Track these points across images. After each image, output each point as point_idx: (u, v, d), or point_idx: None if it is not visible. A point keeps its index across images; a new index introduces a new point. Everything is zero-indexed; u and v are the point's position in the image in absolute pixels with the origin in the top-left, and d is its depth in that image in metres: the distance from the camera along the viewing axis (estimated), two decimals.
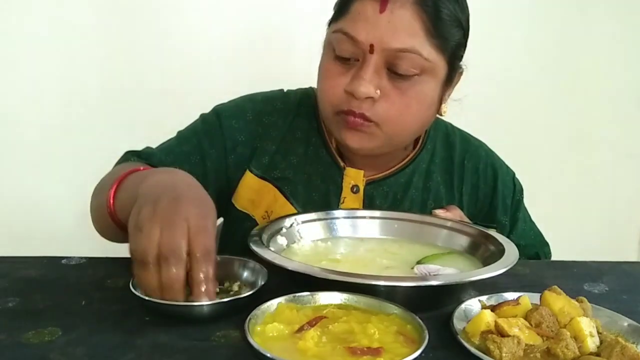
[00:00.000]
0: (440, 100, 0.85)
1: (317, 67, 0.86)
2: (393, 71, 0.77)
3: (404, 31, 0.75)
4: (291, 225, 0.80)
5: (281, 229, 0.78)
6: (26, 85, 1.59)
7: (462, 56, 0.84)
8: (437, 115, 0.88)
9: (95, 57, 1.61)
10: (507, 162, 1.02)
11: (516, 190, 0.99)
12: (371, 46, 0.76)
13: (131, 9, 1.61)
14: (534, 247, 0.99)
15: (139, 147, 0.92)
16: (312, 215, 0.83)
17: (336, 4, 0.83)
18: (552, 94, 1.93)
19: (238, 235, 0.90)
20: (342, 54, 0.79)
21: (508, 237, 0.93)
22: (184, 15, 1.65)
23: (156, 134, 0.94)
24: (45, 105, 1.61)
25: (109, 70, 1.62)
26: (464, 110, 0.89)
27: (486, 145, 1.01)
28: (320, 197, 0.90)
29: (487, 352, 0.50)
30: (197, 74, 1.66)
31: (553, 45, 1.89)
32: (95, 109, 1.63)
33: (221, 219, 0.98)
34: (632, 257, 2.08)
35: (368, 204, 0.90)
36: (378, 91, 0.77)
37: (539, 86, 1.91)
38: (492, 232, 0.77)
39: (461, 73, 0.86)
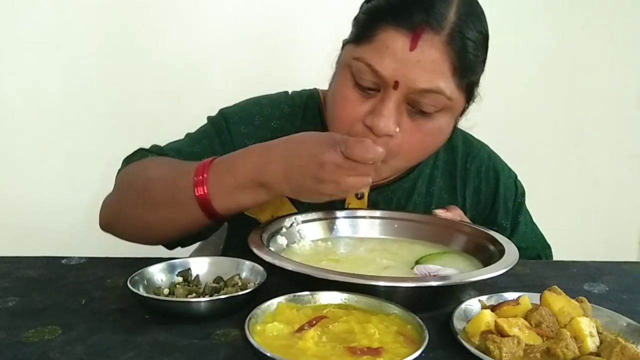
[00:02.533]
0: (453, 129, 0.84)
1: (327, 77, 0.83)
2: (413, 107, 0.75)
3: (432, 72, 0.72)
4: (291, 225, 0.80)
5: (281, 228, 0.78)
6: (26, 85, 1.59)
7: (478, 85, 0.81)
8: None
9: (95, 57, 1.61)
10: (506, 163, 1.01)
11: (518, 193, 0.98)
12: (396, 83, 0.72)
13: (131, 9, 1.61)
14: (535, 249, 0.98)
15: (138, 147, 0.91)
16: (312, 215, 0.83)
17: (356, 25, 0.79)
18: (552, 94, 1.93)
19: (243, 238, 0.89)
20: (362, 83, 0.75)
21: (509, 239, 0.93)
22: (184, 16, 1.65)
23: (156, 134, 0.93)
24: (45, 106, 1.61)
25: (109, 70, 1.62)
26: None
27: (488, 147, 1.01)
28: (324, 203, 0.88)
29: (487, 352, 0.50)
30: (197, 74, 1.66)
31: (553, 45, 1.89)
32: (96, 109, 1.64)
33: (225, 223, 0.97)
34: (632, 257, 2.08)
35: (373, 210, 0.88)
36: (397, 129, 0.75)
37: (539, 86, 1.91)
38: (492, 232, 0.77)
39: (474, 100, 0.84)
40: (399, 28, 0.72)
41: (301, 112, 0.93)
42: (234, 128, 0.89)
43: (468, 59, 0.74)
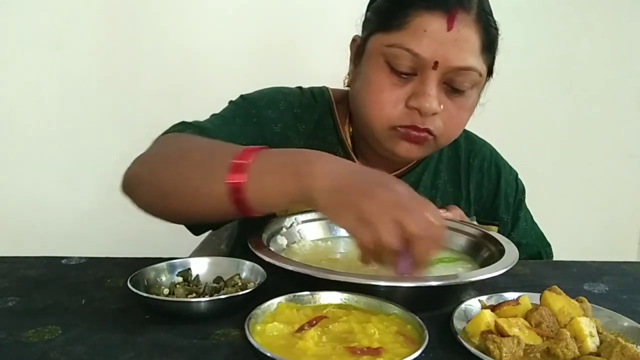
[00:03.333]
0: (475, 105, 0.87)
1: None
2: (449, 85, 0.78)
3: (467, 50, 0.76)
4: (291, 225, 0.80)
5: (281, 228, 0.78)
6: (26, 85, 1.59)
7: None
8: None
9: (95, 57, 1.61)
10: (507, 161, 1.03)
11: (519, 189, 1.00)
12: (435, 63, 0.75)
13: (131, 9, 1.61)
14: (535, 246, 0.99)
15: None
16: (312, 215, 0.82)
17: (381, 15, 0.80)
18: (552, 94, 1.93)
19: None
20: (400, 68, 0.77)
21: (509, 234, 0.93)
22: (183, 15, 1.65)
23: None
24: (45, 105, 1.62)
25: (108, 70, 1.62)
26: None
27: (490, 145, 1.03)
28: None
29: (487, 352, 0.50)
30: (197, 73, 1.66)
31: (553, 45, 1.89)
32: (95, 109, 1.64)
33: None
34: (632, 257, 2.08)
35: None
36: (442, 106, 0.78)
37: (539, 86, 1.91)
38: (492, 233, 0.77)
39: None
40: (433, 11, 0.75)
41: (317, 106, 0.94)
42: (263, 112, 0.89)
43: (492, 34, 0.79)
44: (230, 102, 0.92)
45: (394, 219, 0.52)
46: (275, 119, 0.89)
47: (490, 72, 0.84)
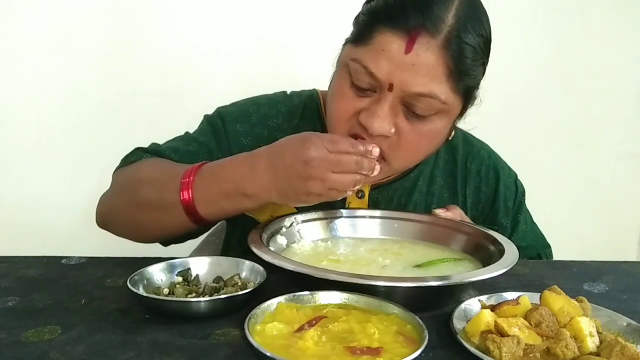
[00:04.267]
0: (451, 131, 0.85)
1: (326, 77, 0.83)
2: (409, 109, 0.75)
3: (427, 76, 0.72)
4: (291, 225, 0.80)
5: (281, 228, 0.78)
6: (26, 86, 1.59)
7: (478, 89, 0.81)
8: None
9: (95, 58, 1.61)
10: (507, 163, 1.02)
11: (518, 192, 0.99)
12: (391, 85, 0.72)
13: (131, 9, 1.61)
14: (535, 248, 0.99)
15: (138, 146, 0.91)
16: (313, 215, 0.82)
17: (355, 25, 0.79)
18: (552, 94, 1.93)
19: (243, 238, 0.89)
20: (359, 84, 0.76)
21: (509, 239, 0.93)
22: (183, 16, 1.65)
23: (156, 134, 0.93)
24: (45, 106, 1.61)
25: (109, 70, 1.62)
26: None
27: (489, 147, 1.01)
28: (326, 202, 0.88)
29: (487, 352, 0.50)
30: (196, 74, 1.66)
31: (553, 45, 1.89)
32: (95, 109, 1.64)
33: (224, 222, 0.97)
34: (632, 257, 2.08)
35: (373, 209, 0.89)
36: (393, 130, 0.75)
37: (539, 86, 1.91)
38: (492, 233, 0.77)
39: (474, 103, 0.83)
40: (395, 31, 0.72)
41: (300, 111, 0.93)
42: (231, 126, 0.90)
43: (465, 63, 0.73)
44: (205, 116, 0.94)
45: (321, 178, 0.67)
46: (244, 132, 0.90)
47: (468, 101, 0.80)
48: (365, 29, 0.75)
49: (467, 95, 0.79)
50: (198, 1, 1.66)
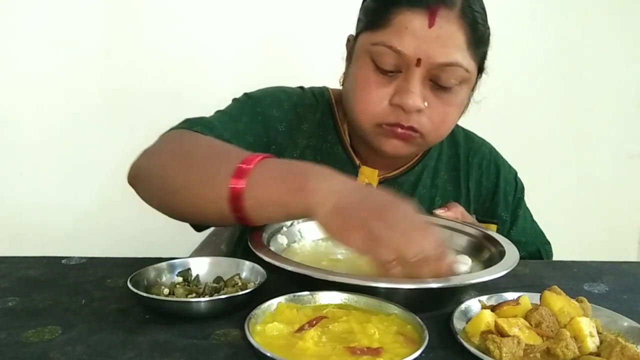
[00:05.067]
0: (468, 103, 0.87)
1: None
2: (435, 82, 0.78)
3: (451, 46, 0.76)
4: (292, 224, 0.80)
5: (281, 228, 0.78)
6: (26, 86, 1.59)
7: (486, 58, 0.85)
8: None
9: (95, 57, 1.61)
10: (506, 160, 1.03)
11: (518, 188, 1.01)
12: (418, 60, 0.76)
13: (131, 8, 1.61)
14: (534, 244, 1.00)
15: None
16: None
17: (368, 14, 0.81)
18: (552, 94, 1.93)
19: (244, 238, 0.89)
20: (384, 66, 0.78)
21: (508, 232, 0.93)
22: (184, 16, 1.65)
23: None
24: (45, 106, 1.61)
25: (109, 70, 1.62)
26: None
27: (489, 144, 1.03)
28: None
29: (487, 352, 0.50)
30: (197, 73, 1.66)
31: (553, 45, 1.89)
32: (95, 109, 1.64)
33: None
34: (632, 257, 2.08)
35: None
36: (426, 103, 0.78)
37: (539, 86, 1.91)
38: (493, 233, 0.77)
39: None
40: (414, 9, 0.75)
41: (319, 106, 0.95)
42: (268, 110, 0.90)
43: (479, 30, 0.78)
44: (234, 99, 0.93)
45: (404, 235, 0.56)
46: (279, 118, 0.90)
47: (481, 70, 0.84)
48: (380, 14, 0.78)
49: (481, 63, 0.83)
50: (198, 2, 1.66)
